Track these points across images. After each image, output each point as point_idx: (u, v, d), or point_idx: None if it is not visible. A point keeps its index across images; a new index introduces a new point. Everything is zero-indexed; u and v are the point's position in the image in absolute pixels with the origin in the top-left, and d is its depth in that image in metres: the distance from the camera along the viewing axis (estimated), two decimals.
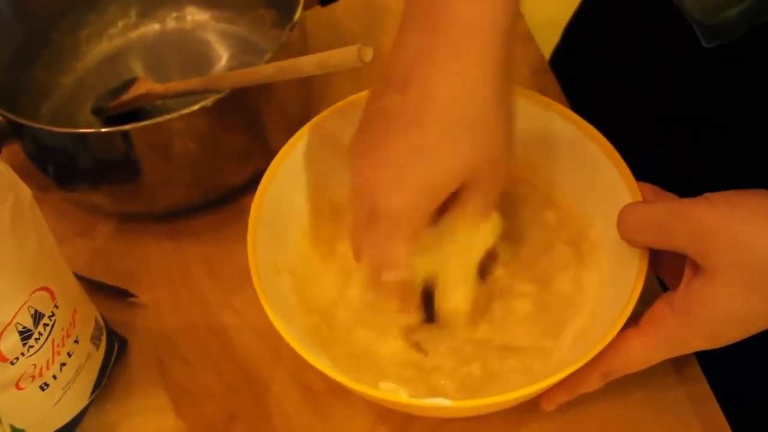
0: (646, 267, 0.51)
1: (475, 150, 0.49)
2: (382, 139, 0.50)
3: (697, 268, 0.47)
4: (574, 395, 0.54)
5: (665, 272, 0.53)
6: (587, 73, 0.77)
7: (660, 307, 0.49)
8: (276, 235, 0.58)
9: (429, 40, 0.48)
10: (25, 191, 0.50)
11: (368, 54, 0.49)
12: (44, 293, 0.51)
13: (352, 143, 0.53)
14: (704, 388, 0.58)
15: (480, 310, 0.56)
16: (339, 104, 0.60)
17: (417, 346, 0.56)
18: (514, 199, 0.61)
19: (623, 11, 0.71)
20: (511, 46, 0.50)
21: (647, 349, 0.50)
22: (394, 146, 0.49)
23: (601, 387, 0.53)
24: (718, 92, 0.60)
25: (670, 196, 0.53)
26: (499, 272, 0.58)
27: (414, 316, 0.56)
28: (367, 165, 0.50)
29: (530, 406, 0.54)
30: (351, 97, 0.60)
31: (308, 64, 0.54)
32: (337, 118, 0.60)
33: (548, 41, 0.85)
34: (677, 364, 0.58)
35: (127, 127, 0.61)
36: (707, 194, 0.47)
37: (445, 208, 0.52)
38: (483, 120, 0.49)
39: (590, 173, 0.57)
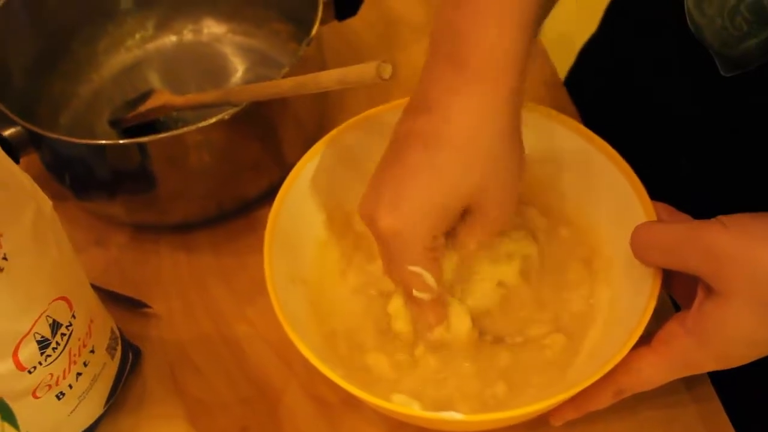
0: (659, 286, 0.51)
1: (477, 176, 0.50)
2: (393, 160, 0.51)
3: (709, 289, 0.47)
4: (583, 412, 0.54)
5: (677, 292, 0.54)
6: (602, 91, 0.77)
7: (672, 327, 0.50)
8: (291, 246, 0.58)
9: (452, 74, 0.51)
10: (46, 202, 0.50)
11: (387, 70, 0.49)
12: (62, 303, 0.51)
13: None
14: (717, 407, 0.58)
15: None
16: (355, 118, 0.61)
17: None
18: (529, 217, 0.62)
19: (642, 34, 0.71)
20: (524, 85, 0.52)
21: (659, 369, 0.50)
22: (400, 165, 0.51)
23: (612, 404, 0.53)
24: (736, 115, 0.60)
25: (684, 217, 0.53)
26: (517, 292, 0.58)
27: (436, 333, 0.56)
28: (372, 184, 0.52)
29: (540, 422, 0.55)
30: (367, 112, 0.61)
31: (327, 79, 0.55)
32: (353, 133, 0.61)
33: (563, 57, 0.86)
34: (689, 382, 0.58)
35: (144, 139, 0.62)
36: (720, 216, 0.47)
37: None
38: (488, 150, 0.50)
39: (605, 191, 0.58)
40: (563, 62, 0.85)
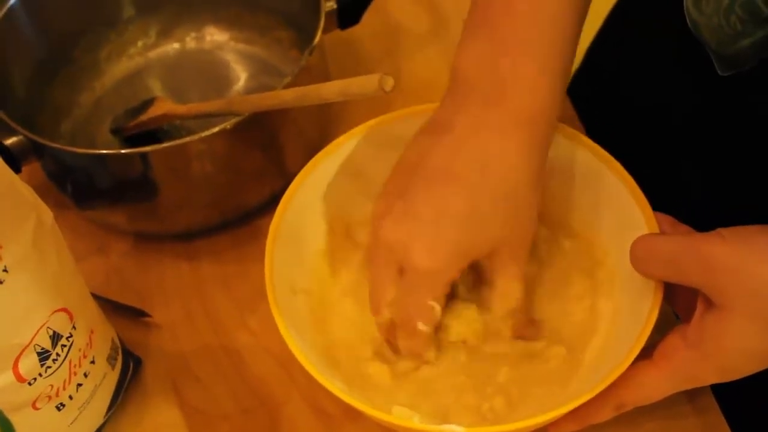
0: (661, 299, 0.51)
1: (504, 228, 0.51)
2: (425, 192, 0.51)
3: (709, 302, 0.47)
4: (584, 425, 0.53)
5: (679, 305, 0.53)
6: (606, 99, 0.77)
7: (673, 341, 0.50)
8: (293, 256, 0.58)
9: (484, 111, 0.52)
10: (47, 213, 0.50)
11: (389, 83, 0.49)
12: (63, 314, 0.51)
13: (385, 184, 0.54)
14: (718, 419, 0.58)
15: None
16: (357, 129, 0.61)
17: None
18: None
19: (644, 37, 0.71)
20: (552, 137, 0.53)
21: (660, 383, 0.50)
22: (422, 201, 0.51)
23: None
24: (738, 120, 0.60)
25: (686, 229, 0.53)
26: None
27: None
28: (397, 219, 0.52)
29: None
30: (369, 122, 0.61)
31: (328, 91, 0.55)
32: (355, 143, 0.61)
33: None
34: (691, 394, 0.58)
35: (146, 148, 0.62)
36: (719, 229, 0.47)
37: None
38: (514, 200, 0.51)
39: (607, 202, 0.57)
40: None
